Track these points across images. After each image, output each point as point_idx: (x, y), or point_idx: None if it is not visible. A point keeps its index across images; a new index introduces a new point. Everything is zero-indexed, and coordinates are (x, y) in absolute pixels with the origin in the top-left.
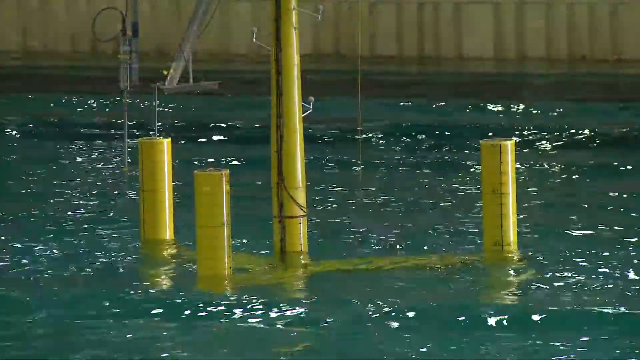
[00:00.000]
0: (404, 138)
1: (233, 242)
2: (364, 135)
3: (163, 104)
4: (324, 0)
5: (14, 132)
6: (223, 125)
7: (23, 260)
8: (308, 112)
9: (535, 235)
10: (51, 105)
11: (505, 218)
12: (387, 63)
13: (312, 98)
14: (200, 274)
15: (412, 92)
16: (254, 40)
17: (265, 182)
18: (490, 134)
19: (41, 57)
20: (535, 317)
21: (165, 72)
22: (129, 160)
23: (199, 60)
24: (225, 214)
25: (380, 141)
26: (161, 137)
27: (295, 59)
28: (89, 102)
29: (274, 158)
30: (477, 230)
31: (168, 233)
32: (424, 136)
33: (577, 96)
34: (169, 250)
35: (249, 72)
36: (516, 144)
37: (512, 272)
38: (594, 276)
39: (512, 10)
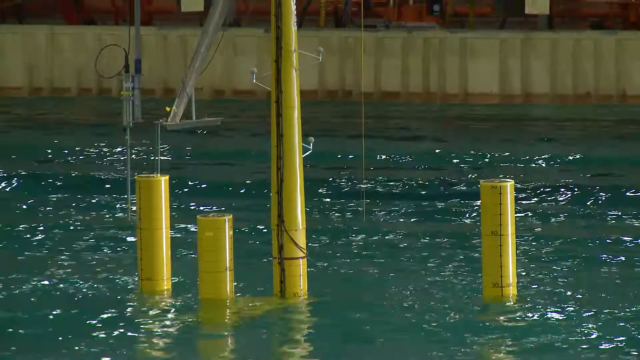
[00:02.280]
0: (405, 176)
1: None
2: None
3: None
4: (329, 37)
5: (19, 167)
6: (225, 162)
7: (18, 296)
8: (308, 152)
9: (535, 277)
10: (56, 140)
11: (504, 259)
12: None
13: (311, 139)
14: (203, 318)
15: (415, 128)
16: (254, 81)
17: (266, 223)
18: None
19: (47, 94)
20: (534, 359)
21: (168, 109)
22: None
23: (202, 97)
24: (228, 260)
25: (383, 180)
26: (159, 175)
27: (296, 101)
28: (93, 137)
29: (274, 199)
30: (477, 270)
31: (166, 272)
32: (426, 173)
33: (581, 133)
34: (166, 289)
35: (252, 108)
36: (517, 183)
37: (511, 313)
38: (594, 319)
39: (518, 46)
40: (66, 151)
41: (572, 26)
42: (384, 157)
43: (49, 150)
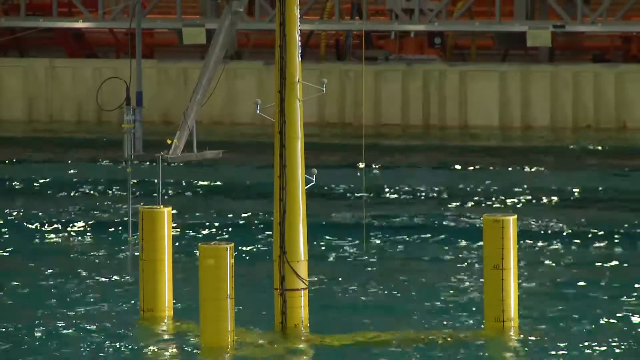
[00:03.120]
0: (406, 209)
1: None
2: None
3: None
4: (330, 69)
5: (17, 201)
6: (226, 193)
7: (12, 330)
8: (311, 184)
9: (537, 312)
10: (55, 173)
11: (506, 293)
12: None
13: (314, 170)
14: (203, 346)
15: (416, 160)
16: (258, 112)
17: (267, 254)
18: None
19: (46, 126)
20: None
21: (170, 142)
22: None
23: (204, 129)
24: (229, 288)
25: (384, 210)
26: (162, 207)
27: (299, 132)
28: (94, 170)
29: (276, 230)
30: (478, 304)
31: (167, 303)
32: (426, 205)
33: (581, 166)
34: (168, 320)
35: (254, 141)
36: (520, 216)
37: (512, 348)
38: (597, 354)
39: (518, 79)
40: (66, 184)
41: (574, 59)
42: (383, 187)
43: (46, 181)
